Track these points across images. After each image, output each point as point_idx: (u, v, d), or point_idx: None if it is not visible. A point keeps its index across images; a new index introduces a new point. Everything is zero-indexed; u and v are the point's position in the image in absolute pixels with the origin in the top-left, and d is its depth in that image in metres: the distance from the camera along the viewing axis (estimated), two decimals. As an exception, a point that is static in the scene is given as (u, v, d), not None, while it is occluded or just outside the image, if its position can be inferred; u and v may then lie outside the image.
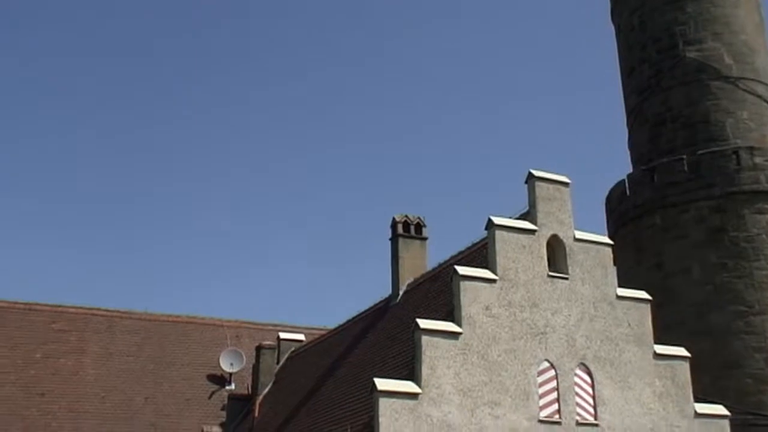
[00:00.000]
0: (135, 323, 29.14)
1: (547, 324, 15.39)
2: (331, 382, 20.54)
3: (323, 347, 24.59)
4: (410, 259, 21.86)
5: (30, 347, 26.81)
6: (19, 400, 25.01)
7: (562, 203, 16.38)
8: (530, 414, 14.65)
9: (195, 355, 28.76)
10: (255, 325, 30.81)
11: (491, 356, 14.69)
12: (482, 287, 15.06)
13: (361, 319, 23.28)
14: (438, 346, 14.33)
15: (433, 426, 13.83)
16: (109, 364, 27.34)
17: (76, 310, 28.83)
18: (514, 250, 15.59)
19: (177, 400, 27.00)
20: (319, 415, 18.96)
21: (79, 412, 25.34)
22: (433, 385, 14.04)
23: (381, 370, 16.71)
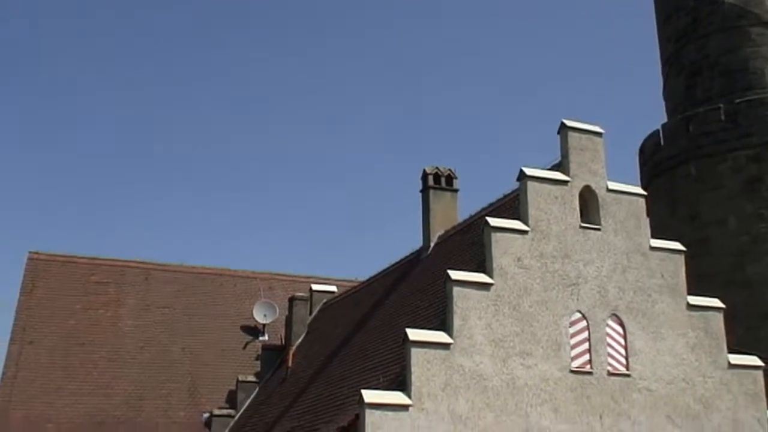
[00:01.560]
0: (170, 275, 29.58)
1: (579, 275, 15.37)
2: (363, 333, 20.76)
3: (355, 299, 24.83)
4: (441, 211, 21.87)
5: (70, 299, 27.38)
6: (60, 350, 25.63)
7: (594, 153, 16.23)
8: (562, 364, 14.72)
9: (229, 307, 29.19)
10: (288, 277, 31.13)
11: (523, 307, 14.74)
12: (514, 238, 15.05)
13: (393, 271, 23.42)
14: (469, 297, 14.39)
15: (465, 376, 13.96)
16: (146, 315, 27.85)
17: (113, 263, 29.32)
18: (546, 201, 15.51)
19: (212, 351, 27.49)
20: (351, 364, 19.22)
21: (118, 362, 25.93)
22: (464, 336, 14.14)
23: (412, 320, 16.85)
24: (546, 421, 14.31)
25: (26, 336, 25.63)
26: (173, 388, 25.71)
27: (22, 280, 27.46)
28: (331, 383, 19.26)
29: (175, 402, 25.33)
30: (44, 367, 24.93)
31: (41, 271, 27.93)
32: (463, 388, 13.87)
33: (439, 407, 13.62)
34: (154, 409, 24.82)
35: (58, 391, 24.33)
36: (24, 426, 22.98)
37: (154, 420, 24.47)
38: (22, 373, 24.50)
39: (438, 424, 13.53)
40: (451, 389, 13.79)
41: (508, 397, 14.17)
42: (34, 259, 28.20)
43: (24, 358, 24.95)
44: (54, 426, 23.26)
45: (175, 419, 24.73)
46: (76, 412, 23.91)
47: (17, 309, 26.45)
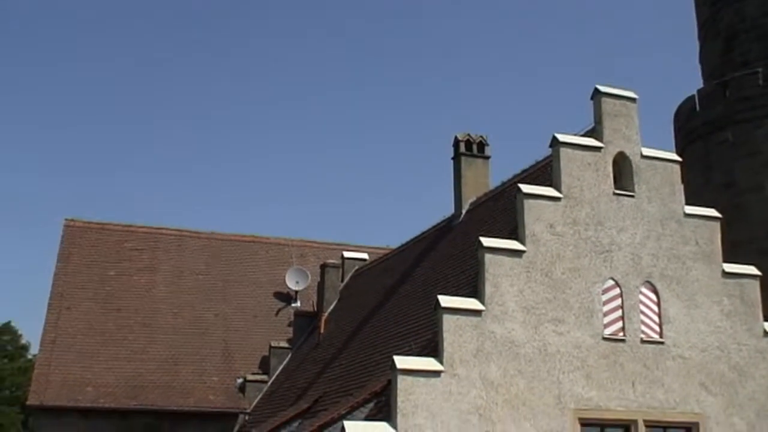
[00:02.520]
0: (203, 242, 29.86)
1: (612, 242, 15.26)
2: (395, 300, 20.85)
3: (387, 266, 24.91)
4: (473, 177, 21.78)
5: (105, 265, 27.76)
6: (96, 315, 26.07)
7: (628, 119, 16.02)
8: (594, 331, 14.68)
9: (261, 274, 29.43)
10: (319, 244, 31.29)
11: (555, 274, 14.68)
12: (546, 205, 14.95)
13: (424, 238, 23.44)
14: (501, 264, 14.36)
15: (497, 342, 13.98)
16: (179, 281, 28.18)
17: (147, 230, 29.65)
18: (579, 168, 15.37)
19: (245, 317, 27.80)
20: (383, 331, 19.33)
21: (153, 327, 26.32)
22: (496, 303, 14.15)
23: (444, 287, 16.88)
24: (578, 388, 14.31)
25: (63, 302, 26.08)
26: (207, 353, 26.08)
27: (59, 247, 27.89)
28: (363, 349, 19.41)
29: (210, 367, 25.70)
30: (81, 333, 25.38)
31: (77, 238, 28.33)
32: (494, 355, 13.90)
33: (470, 373, 13.67)
34: (189, 373, 25.21)
35: (96, 356, 24.79)
36: (63, 390, 23.48)
37: (189, 384, 24.87)
38: (60, 338, 24.98)
39: (470, 390, 13.60)
40: (483, 356, 13.82)
41: (540, 363, 14.18)
42: (69, 227, 28.61)
43: (62, 323, 25.42)
44: (92, 389, 23.74)
45: (210, 384, 25.11)
46: (113, 376, 24.37)
47: (54, 275, 26.90)
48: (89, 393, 23.64)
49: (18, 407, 44.12)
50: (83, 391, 23.64)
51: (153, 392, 24.24)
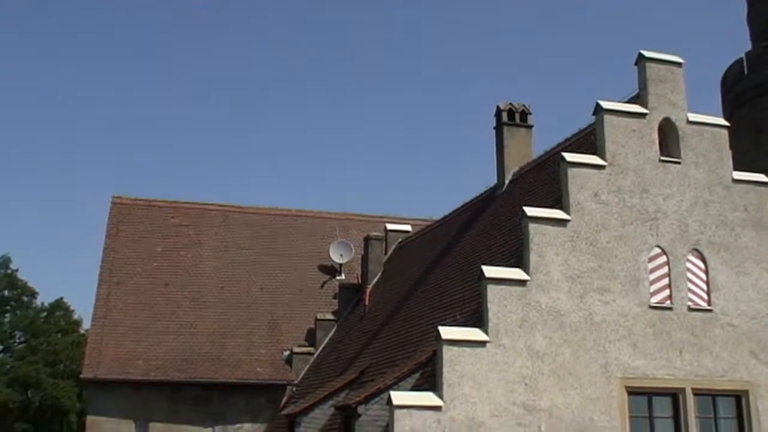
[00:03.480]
0: (248, 217, 30.15)
1: (658, 210, 15.07)
2: (439, 271, 20.88)
3: (430, 237, 24.91)
4: (515, 147, 21.63)
5: (152, 241, 28.19)
6: (145, 291, 26.53)
7: (674, 84, 15.73)
8: (641, 300, 14.56)
9: (306, 247, 29.63)
10: (362, 217, 31.37)
11: (600, 243, 14.57)
12: (590, 174, 14.80)
13: (467, 208, 23.37)
14: (546, 233, 14.29)
15: (542, 312, 13.95)
16: (225, 256, 28.52)
17: (192, 206, 30.01)
18: (624, 135, 15.17)
19: (291, 290, 28.05)
20: (427, 302, 19.39)
21: (200, 302, 26.71)
22: (541, 272, 14.09)
23: (488, 258, 16.85)
24: (624, 357, 14.24)
25: (113, 278, 26.57)
26: (254, 326, 26.41)
27: (107, 223, 28.37)
28: (408, 321, 19.50)
29: (257, 340, 26.04)
30: (131, 308, 25.86)
31: (124, 214, 28.79)
32: (540, 324, 13.88)
33: (516, 343, 13.68)
34: (237, 346, 25.58)
35: (145, 330, 25.26)
36: (115, 363, 24.00)
37: (237, 357, 25.24)
38: (111, 313, 25.48)
39: (515, 360, 13.61)
40: (528, 325, 13.81)
41: (586, 332, 14.12)
42: (117, 203, 29.07)
43: (112, 299, 25.92)
44: (143, 363, 24.23)
45: (257, 356, 25.46)
46: (163, 349, 24.83)
47: (103, 252, 27.39)
48: (140, 366, 24.13)
49: (73, 380, 45.27)
50: (134, 365, 24.14)
51: (202, 365, 24.66)
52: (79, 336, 50.06)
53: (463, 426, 13.13)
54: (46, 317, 52.65)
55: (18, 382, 47.76)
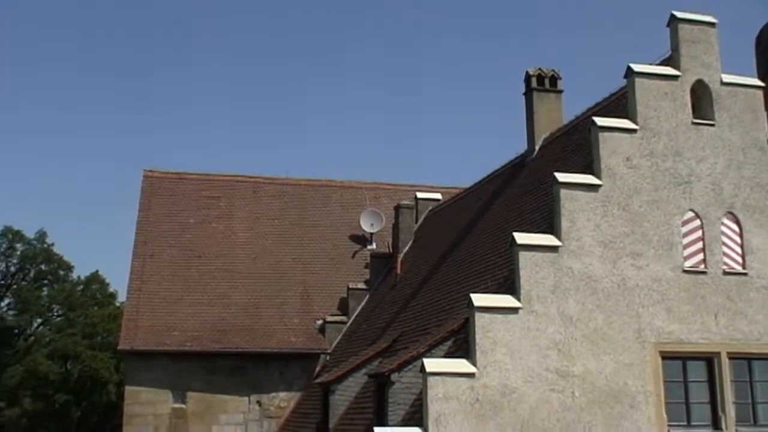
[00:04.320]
0: (278, 188, 30.28)
1: (691, 173, 14.90)
2: (470, 238, 20.86)
3: (460, 205, 24.88)
4: (545, 113, 21.45)
5: (184, 213, 28.45)
6: (179, 263, 26.83)
7: (707, 45, 15.45)
8: (674, 264, 14.45)
9: (336, 217, 29.73)
10: (392, 186, 31.38)
11: (633, 207, 14.45)
12: (622, 138, 14.65)
13: (498, 175, 23.28)
14: (577, 199, 14.20)
15: (574, 278, 13.91)
16: (256, 227, 28.72)
17: (223, 177, 30.20)
18: (656, 98, 14.97)
19: (322, 260, 28.21)
20: (459, 270, 19.42)
21: (233, 273, 26.97)
22: (573, 238, 14.03)
23: (519, 224, 16.81)
24: (658, 321, 14.17)
25: (147, 250, 26.89)
26: (287, 296, 26.64)
27: (139, 197, 28.66)
28: (440, 288, 19.55)
29: (290, 310, 26.28)
30: (166, 279, 26.19)
31: (156, 188, 29.04)
32: (572, 290, 13.85)
33: (548, 309, 13.67)
34: (270, 316, 25.85)
35: (180, 302, 25.60)
36: (151, 334, 24.37)
37: (271, 327, 25.51)
38: (145, 285, 25.83)
39: (548, 326, 13.61)
40: (561, 291, 13.79)
41: (619, 298, 14.07)
42: (148, 177, 29.33)
43: (147, 271, 26.26)
44: (179, 334, 24.58)
45: (291, 326, 25.71)
46: (198, 320, 25.15)
47: (137, 225, 27.71)
48: (176, 337, 24.49)
49: (110, 352, 46.05)
50: (170, 336, 24.50)
51: (236, 335, 24.96)
52: (115, 309, 50.84)
53: (496, 392, 13.20)
54: (82, 290, 53.51)
55: (57, 355, 48.72)
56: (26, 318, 51.37)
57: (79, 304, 51.40)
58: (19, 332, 51.92)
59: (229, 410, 24.46)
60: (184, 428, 24.00)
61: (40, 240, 51.67)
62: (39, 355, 48.82)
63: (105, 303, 53.24)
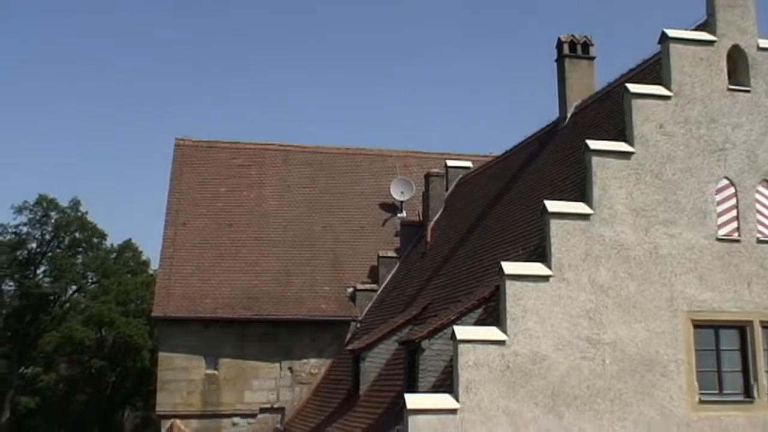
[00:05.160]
0: (308, 156, 30.30)
1: (726, 140, 14.70)
2: (501, 206, 20.80)
3: (491, 173, 24.77)
4: (577, 80, 21.22)
5: (215, 182, 28.60)
6: (211, 231, 27.03)
7: (744, 10, 15.16)
8: (707, 232, 14.33)
9: (366, 185, 29.72)
10: (422, 154, 31.27)
11: (666, 175, 14.31)
12: (655, 104, 14.48)
13: (529, 143, 23.12)
14: (609, 166, 14.10)
15: (606, 246, 13.85)
16: (287, 195, 28.81)
17: (253, 146, 30.26)
18: (691, 64, 14.74)
19: (352, 228, 28.28)
20: (489, 238, 19.39)
21: (264, 241, 27.13)
22: (605, 206, 13.95)
23: (551, 192, 16.72)
24: (691, 290, 14.09)
25: (179, 219, 27.10)
26: (317, 264, 26.77)
27: (171, 165, 28.83)
28: (471, 256, 19.56)
29: (320, 277, 26.42)
30: (198, 248, 26.40)
31: (188, 156, 29.19)
32: (604, 258, 13.80)
33: (579, 277, 13.65)
34: (301, 284, 26.01)
35: (212, 269, 25.82)
36: (184, 301, 24.66)
37: (302, 294, 25.68)
38: (178, 253, 26.07)
39: (579, 294, 13.60)
40: (592, 259, 13.74)
41: (651, 266, 13.99)
42: (180, 146, 29.47)
43: (179, 239, 26.49)
44: (211, 301, 24.85)
45: (321, 293, 25.87)
46: (229, 288, 25.38)
47: (169, 193, 27.90)
48: (208, 304, 24.75)
49: (144, 319, 46.69)
50: (202, 303, 24.77)
51: (268, 302, 25.17)
52: (148, 276, 51.42)
53: (526, 360, 13.24)
54: (115, 258, 54.15)
55: (92, 321, 49.49)
56: (61, 285, 52.16)
57: (112, 272, 52.09)
58: (54, 299, 52.77)
59: (260, 376, 24.76)
60: (216, 394, 24.35)
61: (74, 208, 52.26)
62: (74, 321, 49.68)
63: (138, 271, 53.86)
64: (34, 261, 52.20)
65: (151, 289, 36.27)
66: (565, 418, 13.26)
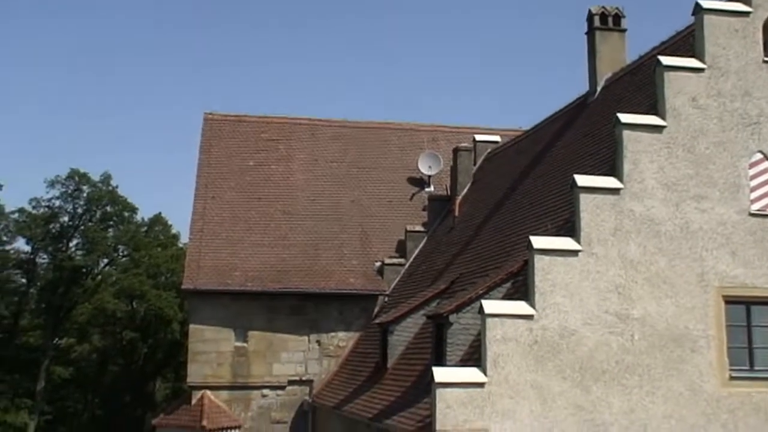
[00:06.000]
0: (336, 130, 30.28)
1: (761, 113, 14.45)
2: (530, 181, 20.68)
3: (520, 147, 24.61)
4: (608, 52, 20.95)
5: (244, 156, 28.70)
6: (239, 204, 27.17)
7: (781, -20, 14.81)
8: (740, 207, 14.14)
9: (394, 159, 29.67)
10: (450, 128, 31.11)
11: (698, 149, 14.13)
12: (688, 77, 14.25)
13: (558, 117, 22.92)
14: (640, 140, 13.94)
15: (636, 220, 13.73)
16: (315, 169, 28.85)
17: (282, 120, 30.29)
18: (725, 36, 14.48)
19: (380, 202, 28.29)
20: (518, 212, 19.31)
21: (292, 214, 27.22)
22: (635, 180, 13.81)
23: (580, 166, 16.58)
24: (722, 266, 13.94)
25: (208, 192, 27.26)
26: (345, 238, 26.84)
27: (200, 139, 28.96)
28: (499, 231, 19.49)
29: (348, 251, 26.49)
30: (227, 221, 26.57)
31: (216, 130, 29.30)
32: (634, 233, 13.69)
33: (609, 252, 13.56)
34: (329, 258, 26.10)
35: (241, 243, 25.99)
36: (214, 274, 24.87)
37: (330, 268, 25.78)
38: (207, 226, 26.26)
39: (608, 269, 13.52)
40: (622, 234, 13.64)
41: (682, 241, 13.86)
42: (209, 120, 29.58)
43: (208, 213, 26.67)
44: (240, 274, 25.03)
45: (349, 267, 25.95)
46: (259, 261, 25.54)
47: (198, 167, 28.05)
48: (237, 277, 24.94)
49: (174, 291, 47.17)
50: (232, 276, 24.96)
51: (296, 276, 25.30)
52: (178, 249, 51.89)
53: (554, 334, 13.22)
54: (146, 232, 54.69)
55: (124, 294, 50.12)
56: (93, 258, 52.81)
57: (143, 245, 52.64)
58: (87, 272, 53.47)
59: (289, 349, 24.96)
60: (246, 366, 24.60)
61: (105, 182, 52.77)
62: (106, 293, 50.35)
63: (168, 244, 54.36)
64: (66, 234, 52.87)
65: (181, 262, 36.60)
66: (592, 392, 13.24)
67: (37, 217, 52.02)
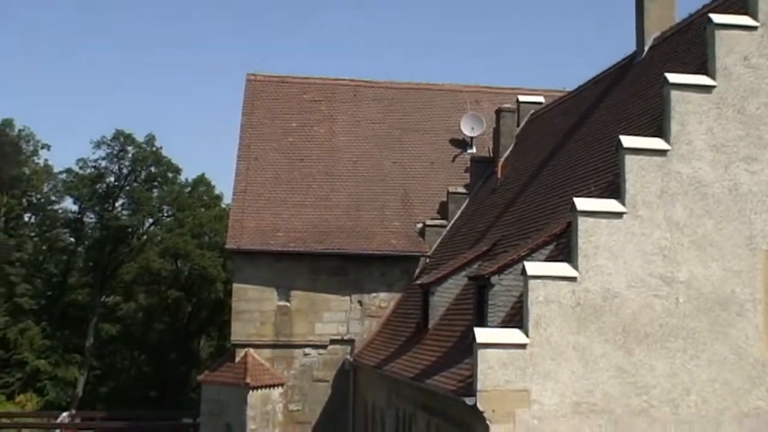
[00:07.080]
0: (378, 92, 30.16)
1: (815, 73, 14.03)
2: (574, 142, 20.42)
3: (564, 108, 24.27)
4: (657, 10, 20.43)
5: (286, 117, 28.77)
6: (282, 165, 27.32)
7: (841, -66, 14.28)
8: (791, 169, 13.81)
9: (436, 121, 29.51)
10: (494, 89, 30.79)
11: (749, 110, 13.79)
12: (740, 36, 13.87)
13: (604, 78, 22.51)
14: (689, 100, 13.64)
15: (683, 183, 13.51)
16: (357, 130, 28.83)
17: (324, 81, 30.24)
18: (780, -8, 14.03)
19: (422, 164, 28.21)
20: (561, 174, 19.10)
21: (334, 176, 27.30)
22: (683, 142, 13.56)
23: (626, 128, 16.31)
24: (771, 229, 13.67)
25: (251, 153, 27.43)
26: (387, 199, 26.87)
27: (243, 101, 29.07)
28: (542, 193, 19.33)
29: (390, 213, 26.54)
30: (269, 182, 26.75)
31: (259, 92, 29.37)
32: (680, 195, 13.47)
33: (654, 214, 13.38)
34: (371, 219, 26.18)
35: (283, 204, 26.17)
36: (257, 235, 25.12)
37: (372, 229, 25.87)
38: (250, 187, 26.47)
39: (653, 231, 13.35)
40: (668, 196, 13.44)
41: (730, 203, 13.61)
42: (251, 81, 29.65)
43: (251, 173, 26.86)
44: (283, 234, 25.24)
45: (391, 228, 26.01)
46: (301, 222, 25.72)
47: (241, 128, 28.21)
48: (280, 238, 25.15)
49: (218, 251, 47.78)
50: (274, 236, 25.18)
51: (338, 237, 25.45)
52: (221, 210, 52.46)
53: (597, 297, 13.13)
54: (190, 192, 55.32)
55: (168, 253, 50.92)
56: (139, 218, 53.64)
57: (187, 205, 53.32)
58: (132, 231, 54.35)
59: (331, 309, 25.20)
60: (288, 325, 24.91)
61: (150, 143, 53.35)
62: (151, 253, 51.21)
63: (211, 205, 54.97)
64: (112, 194, 53.70)
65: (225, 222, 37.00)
66: (635, 355, 13.17)
67: (84, 177, 52.88)
